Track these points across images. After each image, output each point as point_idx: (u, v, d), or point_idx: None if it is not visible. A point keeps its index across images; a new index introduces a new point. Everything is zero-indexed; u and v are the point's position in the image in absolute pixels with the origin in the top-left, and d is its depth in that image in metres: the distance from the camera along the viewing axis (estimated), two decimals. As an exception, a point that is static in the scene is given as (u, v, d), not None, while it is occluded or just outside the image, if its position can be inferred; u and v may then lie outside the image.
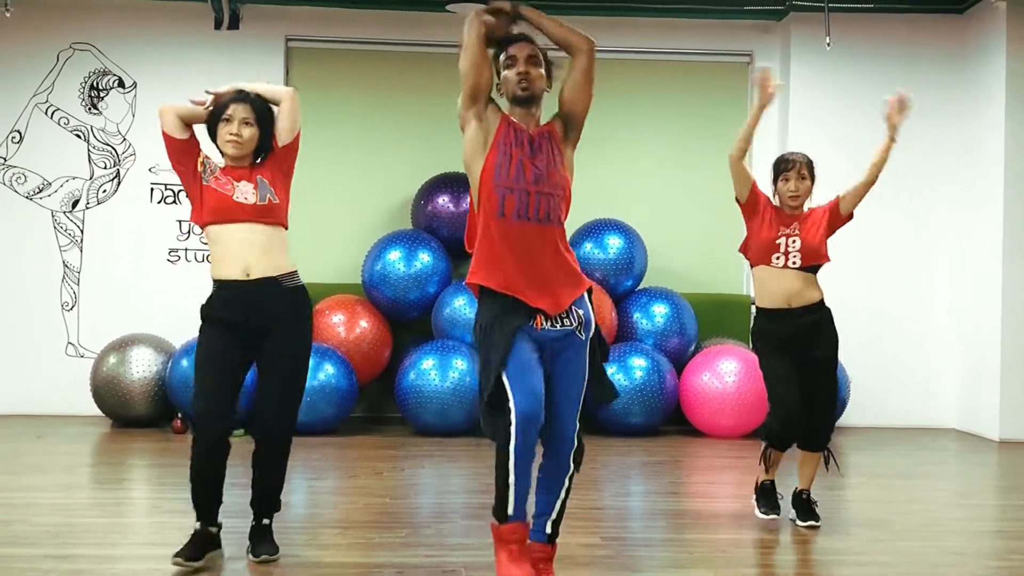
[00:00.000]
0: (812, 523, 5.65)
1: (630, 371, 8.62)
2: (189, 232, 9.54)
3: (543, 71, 4.56)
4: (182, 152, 4.87)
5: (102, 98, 9.53)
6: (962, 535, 5.69)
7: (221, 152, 4.85)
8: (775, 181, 5.93)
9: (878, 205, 9.68)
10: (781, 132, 9.84)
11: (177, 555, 4.61)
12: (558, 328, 4.29)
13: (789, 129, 9.70)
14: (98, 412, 8.93)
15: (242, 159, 4.81)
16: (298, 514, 5.86)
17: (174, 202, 9.52)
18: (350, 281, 9.40)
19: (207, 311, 4.76)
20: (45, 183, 9.47)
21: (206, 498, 4.75)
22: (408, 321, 9.26)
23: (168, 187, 9.53)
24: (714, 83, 10.04)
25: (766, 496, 5.78)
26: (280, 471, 4.90)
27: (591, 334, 4.37)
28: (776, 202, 5.95)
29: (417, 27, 9.74)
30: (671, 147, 9.94)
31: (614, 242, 9.22)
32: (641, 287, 9.43)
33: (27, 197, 9.46)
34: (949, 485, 7.42)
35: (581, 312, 4.35)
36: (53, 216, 9.48)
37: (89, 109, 9.52)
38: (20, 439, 8.16)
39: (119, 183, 9.51)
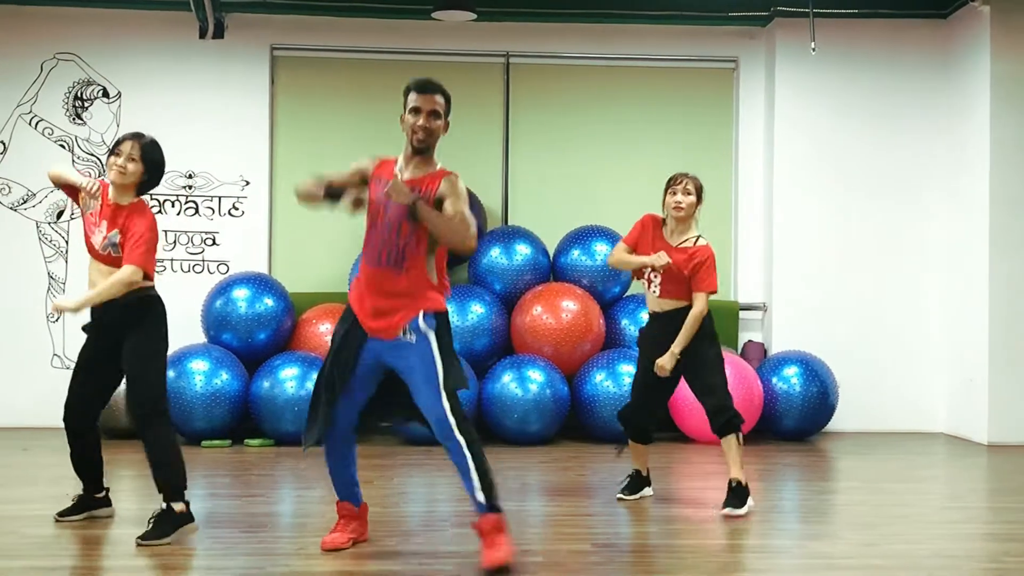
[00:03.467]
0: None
1: (618, 378, 8.60)
2: (175, 242, 9.50)
3: (443, 122, 4.97)
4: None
5: (86, 108, 9.49)
6: (953, 538, 5.68)
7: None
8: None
9: (865, 209, 9.74)
10: (767, 136, 9.86)
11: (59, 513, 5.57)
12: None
13: (775, 133, 9.71)
14: (84, 424, 8.87)
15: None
16: (287, 523, 5.83)
17: (159, 212, 9.47)
18: (337, 290, 9.37)
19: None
20: (29, 194, 9.43)
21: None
22: (396, 329, 9.22)
23: (153, 197, 9.48)
24: (700, 89, 10.05)
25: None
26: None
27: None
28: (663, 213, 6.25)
29: (402, 35, 9.73)
30: (658, 153, 9.94)
31: (601, 249, 9.21)
32: (628, 294, 9.43)
33: (11, 208, 9.41)
34: (939, 489, 7.43)
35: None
36: (38, 227, 9.44)
37: (73, 119, 9.48)
38: (6, 452, 8.11)
39: (104, 193, 9.45)
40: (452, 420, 4.74)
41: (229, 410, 8.36)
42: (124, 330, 5.36)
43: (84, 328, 5.57)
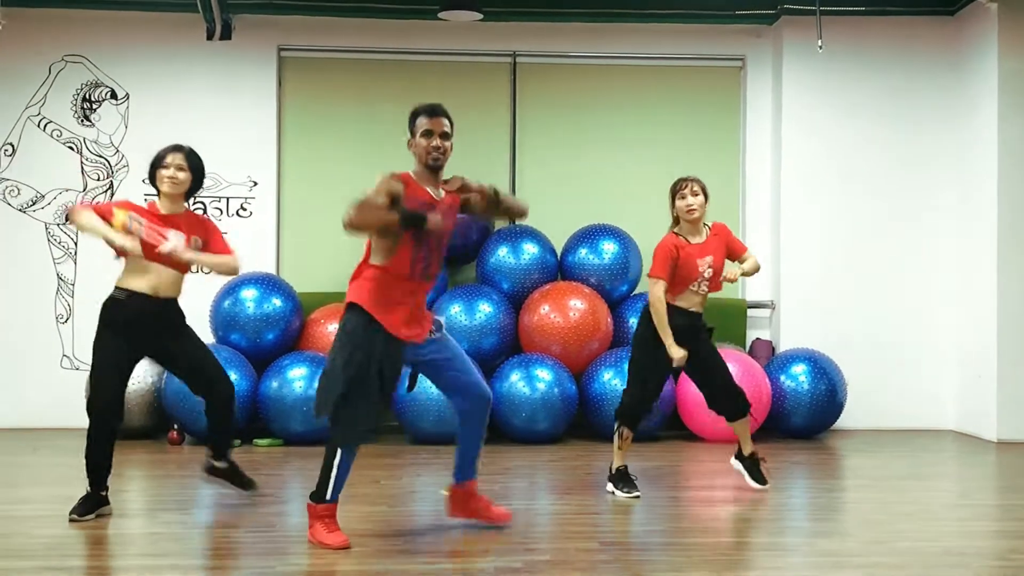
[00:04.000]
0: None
1: (626, 376, 8.57)
2: (183, 243, 9.51)
3: (451, 142, 5.34)
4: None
5: (95, 110, 9.52)
6: (962, 536, 5.67)
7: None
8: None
9: (872, 207, 9.73)
10: (775, 135, 9.85)
11: (72, 512, 5.66)
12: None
13: (782, 131, 9.71)
14: (94, 424, 8.89)
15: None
16: (295, 523, 5.83)
17: (168, 213, 9.49)
18: (345, 290, 9.34)
19: None
20: (38, 196, 9.46)
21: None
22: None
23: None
24: (707, 88, 10.05)
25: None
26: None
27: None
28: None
29: (409, 35, 9.74)
30: (665, 152, 9.94)
31: (609, 247, 9.22)
32: (636, 292, 9.43)
33: (20, 210, 9.44)
34: (948, 486, 7.41)
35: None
36: (47, 228, 9.47)
37: (82, 121, 9.51)
38: (16, 452, 8.14)
39: (112, 195, 9.49)
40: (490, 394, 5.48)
41: (238, 410, 8.33)
42: (174, 328, 5.85)
43: (118, 325, 5.73)
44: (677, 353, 6.40)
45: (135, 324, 5.71)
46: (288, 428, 8.42)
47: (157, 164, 5.83)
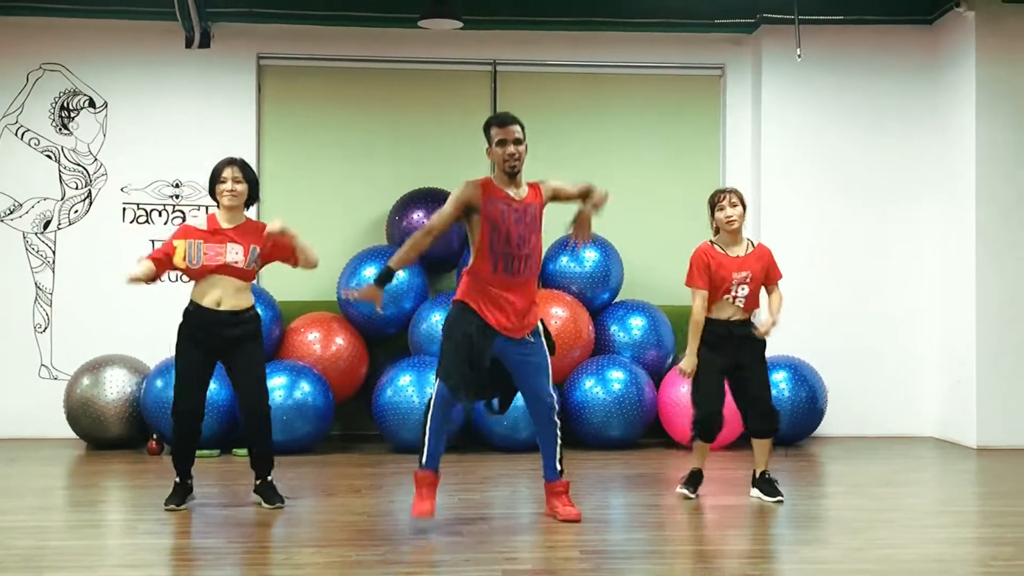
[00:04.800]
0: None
1: (608, 384, 8.61)
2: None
3: (524, 145, 5.94)
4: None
5: (73, 118, 9.47)
6: (943, 542, 5.68)
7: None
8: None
9: (852, 214, 9.76)
10: (754, 142, 9.87)
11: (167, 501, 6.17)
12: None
13: (762, 139, 9.73)
14: (72, 435, 8.85)
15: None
16: (275, 533, 5.81)
17: (147, 221, 9.46)
18: (326, 299, 9.35)
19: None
20: (16, 204, 9.40)
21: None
22: (384, 338, 9.22)
23: (140, 207, 9.47)
24: (687, 96, 10.06)
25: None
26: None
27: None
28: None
29: (389, 43, 9.73)
30: (645, 160, 9.95)
31: (590, 255, 9.21)
32: (618, 300, 9.43)
33: (-2, 219, 9.39)
34: (929, 493, 7.43)
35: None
36: (25, 237, 9.41)
37: (60, 129, 9.46)
38: (-7, 463, 8.08)
39: (91, 203, 9.44)
40: (556, 405, 5.93)
41: (218, 420, 8.31)
42: (244, 339, 6.18)
43: (189, 336, 6.16)
44: (688, 365, 6.50)
45: (201, 334, 6.13)
46: (268, 437, 8.37)
47: (215, 179, 6.22)
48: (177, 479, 6.26)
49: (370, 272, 8.91)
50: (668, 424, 8.87)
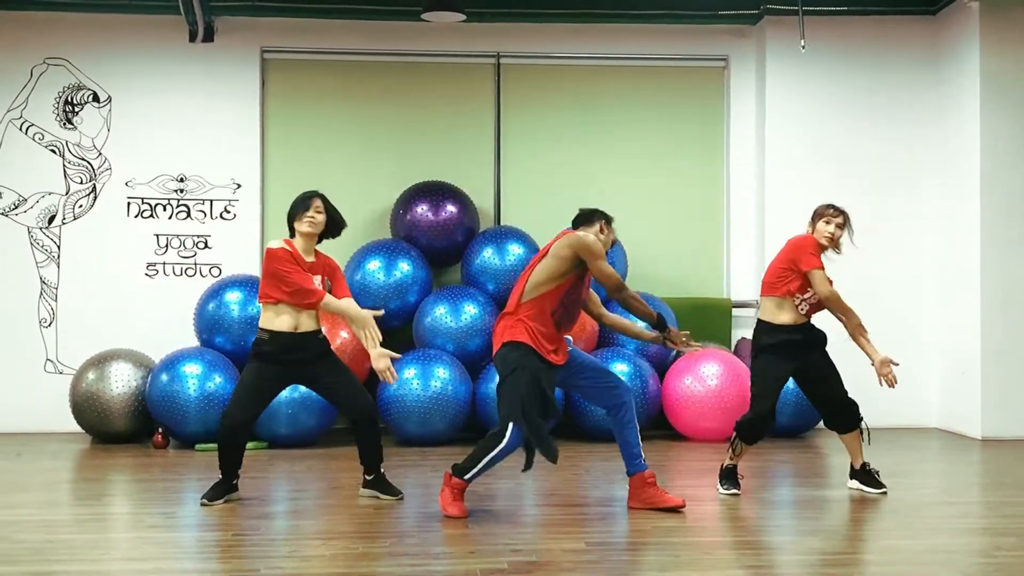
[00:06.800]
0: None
1: (612, 376, 8.60)
2: (167, 246, 9.49)
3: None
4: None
5: (77, 113, 9.48)
6: (948, 533, 5.69)
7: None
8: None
9: (855, 206, 9.71)
10: (758, 134, 9.87)
11: (203, 496, 6.24)
12: None
13: (766, 130, 9.72)
14: (78, 428, 8.87)
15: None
16: (281, 526, 5.82)
17: (151, 216, 9.47)
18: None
19: None
20: (21, 199, 9.41)
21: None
22: (389, 330, 9.22)
23: (145, 201, 9.49)
24: (691, 88, 10.06)
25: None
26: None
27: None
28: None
29: (392, 37, 9.73)
30: (649, 152, 9.95)
31: (594, 248, 9.20)
32: (622, 292, 9.42)
33: (3, 213, 9.40)
34: (933, 483, 7.43)
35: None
36: (29, 232, 9.42)
37: (64, 124, 9.47)
38: (0, 457, 8.09)
39: (95, 198, 9.46)
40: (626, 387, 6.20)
41: (223, 413, 8.32)
42: (318, 358, 6.41)
43: (265, 359, 6.31)
44: (877, 356, 6.83)
45: (280, 358, 6.31)
46: (273, 431, 8.40)
47: (299, 206, 6.42)
48: (221, 475, 6.32)
49: (375, 265, 8.93)
50: (672, 416, 8.87)
